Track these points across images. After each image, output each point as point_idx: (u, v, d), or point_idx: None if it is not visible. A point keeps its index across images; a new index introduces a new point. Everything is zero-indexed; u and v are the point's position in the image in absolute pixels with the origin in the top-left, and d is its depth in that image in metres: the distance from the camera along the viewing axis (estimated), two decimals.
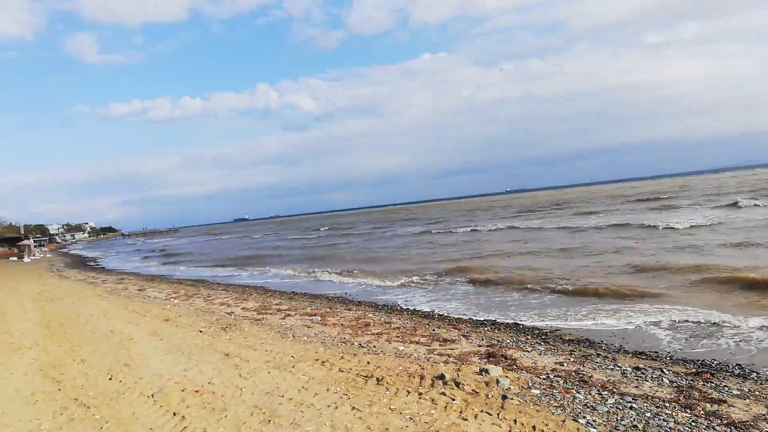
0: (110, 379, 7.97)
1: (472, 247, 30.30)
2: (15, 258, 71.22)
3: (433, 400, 6.06)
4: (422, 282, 19.31)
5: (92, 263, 53.59)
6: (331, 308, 14.43)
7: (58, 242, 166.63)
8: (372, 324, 11.51)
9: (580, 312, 12.11)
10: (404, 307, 14.48)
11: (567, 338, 9.89)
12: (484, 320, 11.97)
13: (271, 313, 13.79)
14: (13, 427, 6.23)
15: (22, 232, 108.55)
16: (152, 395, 6.93)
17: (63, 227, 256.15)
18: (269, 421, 5.68)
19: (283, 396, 6.52)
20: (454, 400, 6.01)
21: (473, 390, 6.32)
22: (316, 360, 8.18)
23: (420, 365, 7.55)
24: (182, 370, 8.15)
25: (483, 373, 6.98)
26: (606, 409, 5.80)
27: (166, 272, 34.81)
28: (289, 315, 13.35)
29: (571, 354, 8.44)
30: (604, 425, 5.34)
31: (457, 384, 6.51)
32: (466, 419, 5.44)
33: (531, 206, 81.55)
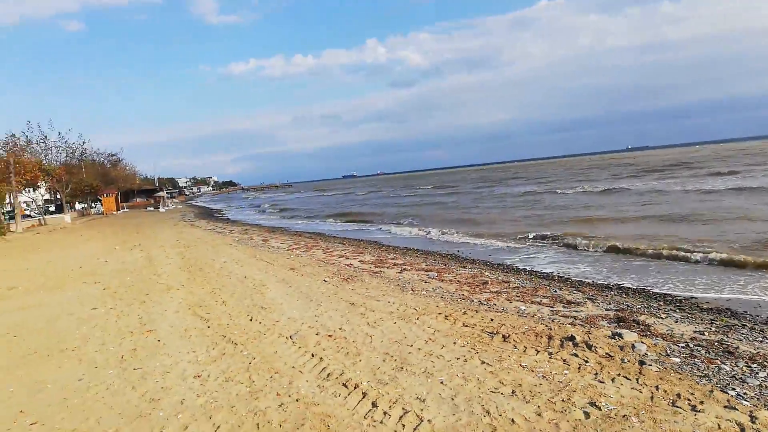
0: (251, 320, 8.68)
1: (588, 208, 28.93)
2: (152, 208, 78.89)
3: (564, 360, 5.97)
4: (535, 242, 18.83)
5: (218, 215, 57.97)
6: (445, 265, 14.54)
7: (186, 194, 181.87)
8: (490, 282, 11.47)
9: (717, 281, 11.21)
10: (521, 267, 14.25)
11: (704, 307, 9.23)
12: (609, 284, 11.47)
13: (387, 267, 14.17)
14: (174, 356, 7.02)
15: (157, 184, 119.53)
16: (290, 337, 7.47)
17: (189, 180, 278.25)
18: (401, 368, 5.92)
19: (411, 346, 6.74)
20: (587, 362, 5.88)
21: (607, 353, 6.14)
22: (439, 314, 8.34)
23: (546, 325, 7.44)
24: (313, 316, 8.67)
25: (616, 337, 6.73)
26: (758, 383, 5.39)
27: (285, 225, 36.82)
28: (405, 269, 13.64)
29: (711, 324, 7.88)
30: (757, 398, 4.97)
31: (589, 346, 6.35)
32: (602, 381, 5.32)
33: (656, 165, 75.75)
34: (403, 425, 4.56)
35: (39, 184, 46.60)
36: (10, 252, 25.47)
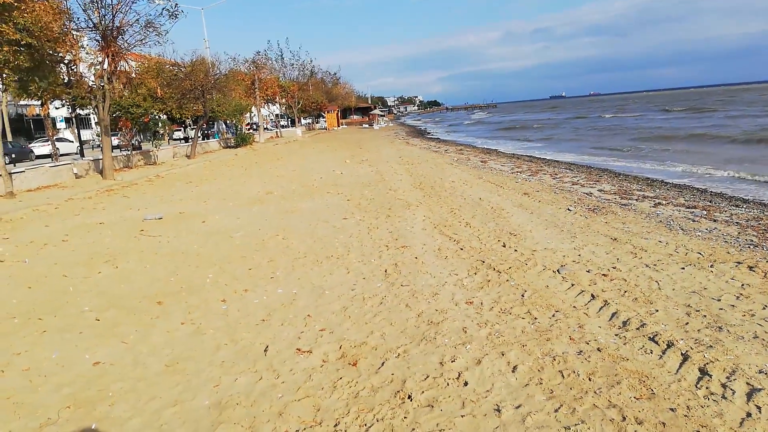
0: (504, 246, 8.19)
1: None
2: (366, 125, 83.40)
3: None
4: None
5: (428, 134, 58.89)
6: (711, 202, 12.34)
7: (394, 113, 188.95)
8: None
9: None
10: None
11: None
12: None
13: (636, 199, 12.52)
14: (438, 276, 6.84)
15: (369, 103, 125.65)
16: (557, 271, 6.79)
17: (397, 100, 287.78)
18: (720, 328, 4.85)
19: (719, 300, 5.56)
20: None
21: None
22: (738, 263, 6.86)
23: None
24: (573, 249, 7.84)
25: None
26: None
27: (496, 146, 35.68)
28: (659, 203, 11.87)
29: None
30: None
31: None
32: None
33: None
34: (758, 407, 3.61)
35: (276, 99, 51.80)
36: (259, 159, 28.85)
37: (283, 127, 64.96)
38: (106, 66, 20.02)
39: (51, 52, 17.83)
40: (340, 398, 4.06)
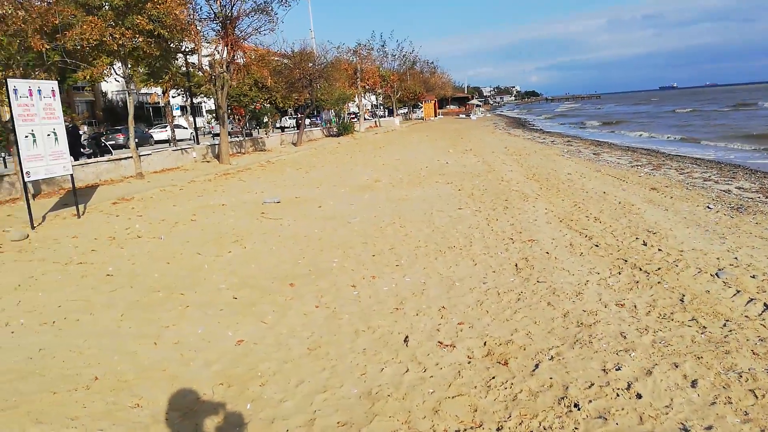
0: (644, 244, 7.51)
1: None
2: (463, 115, 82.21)
3: None
4: None
5: (529, 125, 56.92)
6: None
7: (490, 103, 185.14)
8: None
9: None
10: None
11: None
12: None
13: None
14: (576, 274, 6.37)
15: (466, 92, 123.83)
16: (715, 274, 6.08)
17: (493, 90, 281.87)
18: None
19: None
20: None
21: None
22: None
23: None
24: (726, 251, 7.02)
25: None
26: None
27: (607, 138, 33.64)
28: None
29: None
30: None
31: None
32: None
33: None
34: None
35: (376, 89, 52.24)
36: (362, 147, 29.16)
37: (381, 117, 65.50)
38: (225, 55, 20.93)
39: (176, 42, 18.91)
40: (497, 399, 3.78)
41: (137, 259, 7.86)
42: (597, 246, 7.53)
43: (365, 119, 56.91)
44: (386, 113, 71.16)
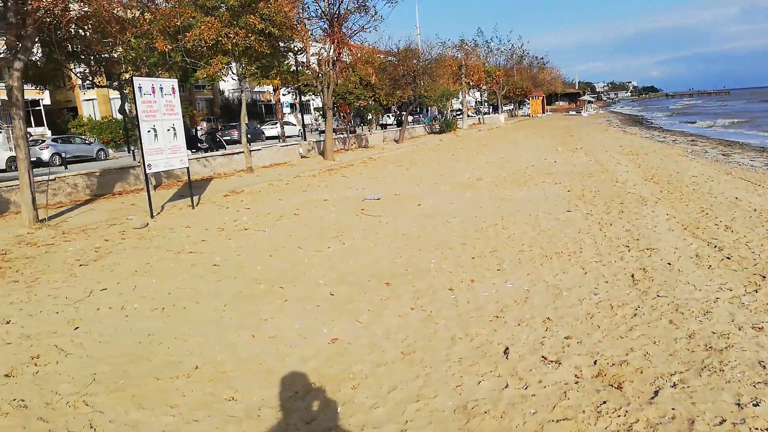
0: None
1: None
2: (573, 112, 78.51)
3: None
4: None
5: (647, 122, 53.09)
6: None
7: (603, 100, 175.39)
8: None
9: None
10: None
11: None
12: None
13: None
14: (703, 290, 5.65)
15: (577, 88, 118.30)
16: None
17: (607, 85, 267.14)
18: None
19: None
20: None
21: None
22: None
23: None
24: None
25: None
26: None
27: (737, 137, 30.39)
28: None
29: None
30: None
31: None
32: None
33: None
34: None
35: (481, 85, 51.25)
36: (465, 144, 28.67)
37: (485, 113, 64.22)
38: (331, 53, 21.39)
39: (285, 40, 19.61)
40: (608, 429, 3.37)
41: (243, 251, 8.14)
42: (729, 258, 6.67)
43: (468, 116, 56.07)
44: (491, 110, 69.64)
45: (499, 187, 13.44)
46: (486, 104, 72.76)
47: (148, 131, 10.76)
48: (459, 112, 49.72)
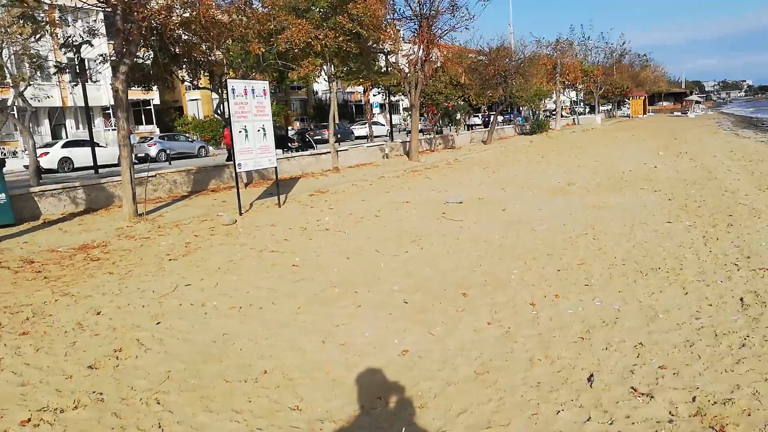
0: None
1: None
2: (679, 113, 73.27)
3: None
4: None
5: (762, 124, 48.40)
6: None
7: (713, 100, 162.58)
8: None
9: None
10: None
11: None
12: None
13: None
14: None
15: (683, 88, 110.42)
16: None
17: (718, 84, 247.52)
18: None
19: None
20: None
21: None
22: None
23: None
24: None
25: None
26: None
27: None
28: None
29: None
30: None
31: None
32: None
33: None
34: None
35: (577, 84, 49.02)
36: (556, 147, 27.50)
37: (580, 114, 61.44)
38: (420, 53, 21.24)
39: (374, 41, 19.68)
40: None
41: (322, 251, 8.18)
42: None
43: (562, 116, 53.89)
44: (586, 110, 66.49)
45: (592, 193, 12.67)
46: (582, 104, 69.59)
47: (240, 131, 11.15)
48: (551, 113, 47.86)
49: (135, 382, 4.22)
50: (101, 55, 13.77)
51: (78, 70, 20.09)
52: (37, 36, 13.16)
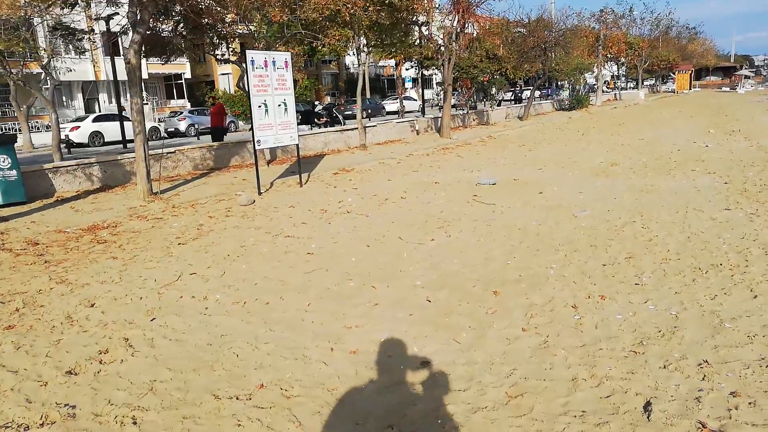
0: None
1: None
2: (727, 88, 69.63)
3: None
4: None
5: None
6: None
7: (763, 75, 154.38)
8: None
9: None
10: None
11: None
12: None
13: None
14: None
15: (732, 62, 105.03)
16: None
17: None
18: None
19: None
20: None
21: None
22: None
23: None
24: None
25: None
26: None
27: None
28: None
29: None
30: None
31: None
32: None
33: None
34: None
35: (620, 57, 46.74)
36: (597, 123, 26.12)
37: (622, 89, 58.82)
38: (455, 23, 20.16)
39: (407, 12, 18.69)
40: None
41: (340, 238, 7.57)
42: None
43: (603, 91, 51.68)
44: (628, 85, 63.67)
45: (638, 174, 11.67)
46: (624, 78, 66.67)
47: (259, 106, 10.53)
48: (593, 87, 45.80)
49: (113, 393, 3.69)
50: (121, 25, 13.26)
51: (105, 43, 19.75)
52: (68, 2, 12.66)
